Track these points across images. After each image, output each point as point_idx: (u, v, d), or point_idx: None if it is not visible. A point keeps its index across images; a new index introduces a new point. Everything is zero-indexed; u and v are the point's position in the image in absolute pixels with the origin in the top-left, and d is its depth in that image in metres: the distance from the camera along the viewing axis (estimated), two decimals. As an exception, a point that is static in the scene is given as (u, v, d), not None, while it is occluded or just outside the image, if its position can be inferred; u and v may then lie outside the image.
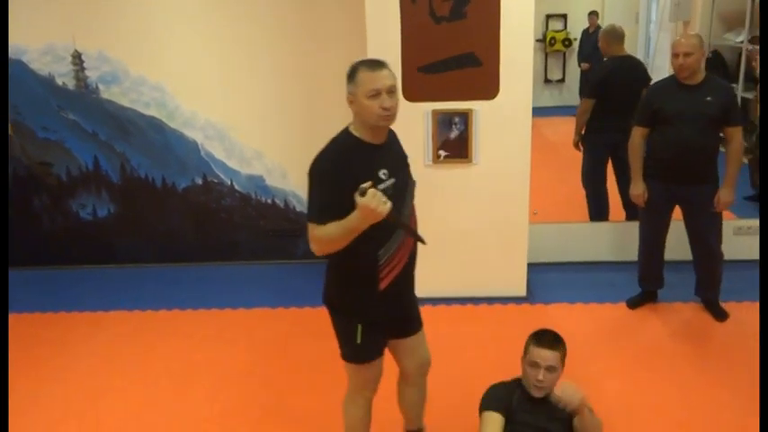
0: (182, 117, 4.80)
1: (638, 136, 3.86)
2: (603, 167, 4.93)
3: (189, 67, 4.68)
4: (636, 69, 4.87)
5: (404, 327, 2.57)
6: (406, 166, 2.46)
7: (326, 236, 2.15)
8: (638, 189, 3.89)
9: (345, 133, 2.30)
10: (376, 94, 2.16)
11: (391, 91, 2.20)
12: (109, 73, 4.71)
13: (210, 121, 4.80)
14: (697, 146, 3.65)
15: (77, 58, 4.71)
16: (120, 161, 4.93)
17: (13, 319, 4.32)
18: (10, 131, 4.90)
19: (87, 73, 4.72)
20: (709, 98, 3.61)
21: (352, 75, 2.24)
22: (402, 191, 2.32)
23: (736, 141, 3.70)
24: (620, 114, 4.62)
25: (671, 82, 3.76)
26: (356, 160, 2.21)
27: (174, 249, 5.11)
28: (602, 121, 4.78)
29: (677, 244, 4.01)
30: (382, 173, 2.23)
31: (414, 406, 2.80)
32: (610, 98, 4.72)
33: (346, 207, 2.08)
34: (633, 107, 4.11)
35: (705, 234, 3.84)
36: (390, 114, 2.21)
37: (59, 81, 4.76)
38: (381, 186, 2.16)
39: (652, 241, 4.00)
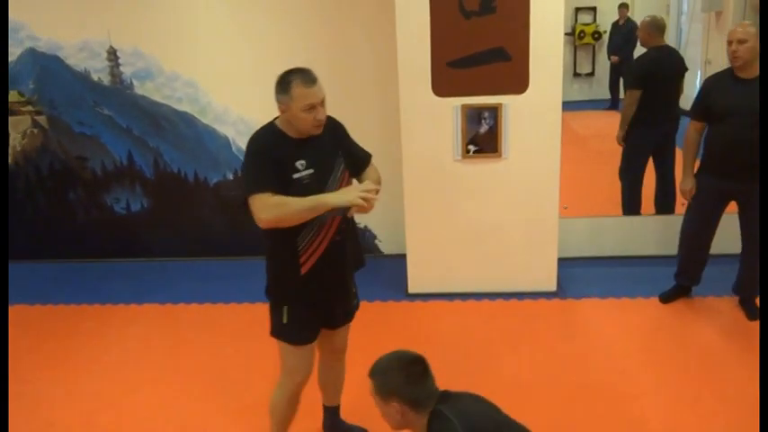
0: (214, 113, 4.86)
1: (693, 130, 3.81)
2: (646, 160, 4.90)
3: (221, 64, 4.74)
4: (675, 58, 4.87)
5: (337, 319, 2.72)
6: (334, 154, 2.57)
7: (285, 203, 2.32)
8: (687, 184, 3.83)
9: (272, 126, 2.46)
10: (311, 108, 2.34)
11: (323, 102, 2.41)
12: (143, 69, 4.79)
13: (242, 116, 4.85)
14: (750, 142, 3.52)
15: (113, 54, 4.79)
16: (154, 156, 5.01)
17: (48, 310, 4.44)
18: (46, 125, 5.00)
19: (122, 69, 4.81)
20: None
21: (285, 87, 2.35)
22: (323, 180, 2.45)
23: None
24: (666, 105, 4.63)
25: (726, 75, 3.68)
26: (277, 150, 2.39)
27: (205, 244, 5.18)
28: (648, 113, 4.73)
29: (717, 238, 3.94)
30: (299, 163, 2.39)
31: (329, 384, 2.93)
32: (654, 89, 4.69)
33: (276, 182, 2.32)
34: (676, 97, 4.06)
35: (754, 230, 3.72)
36: (322, 123, 2.42)
37: (95, 77, 4.84)
38: (296, 176, 2.37)
39: (696, 237, 3.93)
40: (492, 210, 4.16)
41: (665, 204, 4.90)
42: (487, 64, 3.90)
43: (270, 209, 2.33)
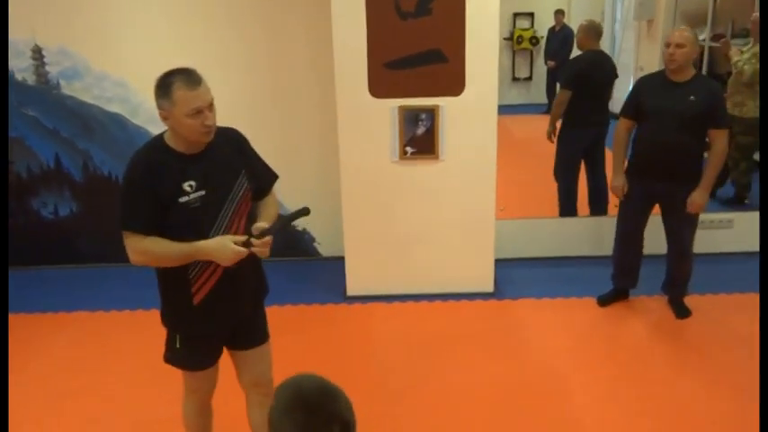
0: (146, 113, 4.71)
1: (622, 128, 3.87)
2: (578, 162, 5.00)
3: (152, 63, 4.50)
4: (608, 64, 5.02)
5: (239, 339, 2.47)
6: (234, 172, 2.33)
7: (154, 251, 2.15)
8: (618, 181, 3.88)
9: (158, 141, 2.22)
10: (197, 113, 2.10)
11: (211, 106, 2.16)
12: (70, 68, 4.61)
13: (175, 117, 4.72)
14: (674, 144, 3.60)
15: (38, 53, 4.60)
16: (83, 159, 4.84)
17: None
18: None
19: (48, 68, 4.62)
20: (692, 97, 3.56)
21: (166, 91, 2.10)
22: (217, 203, 2.22)
23: (718, 144, 3.63)
24: (596, 107, 4.76)
25: (658, 77, 3.77)
26: (163, 171, 2.13)
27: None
28: (578, 115, 4.84)
29: (647, 238, 4.03)
30: (188, 185, 2.15)
31: (257, 427, 2.60)
32: (586, 91, 4.81)
33: (154, 211, 2.12)
34: (606, 101, 4.15)
35: (679, 233, 3.84)
36: (211, 130, 2.18)
37: (19, 76, 4.65)
38: (183, 199, 2.13)
39: (628, 238, 4.00)
40: (429, 211, 4.17)
41: (597, 206, 5.01)
42: (425, 65, 3.90)
43: (138, 254, 2.17)
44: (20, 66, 4.62)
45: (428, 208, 4.16)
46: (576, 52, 5.35)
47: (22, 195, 4.93)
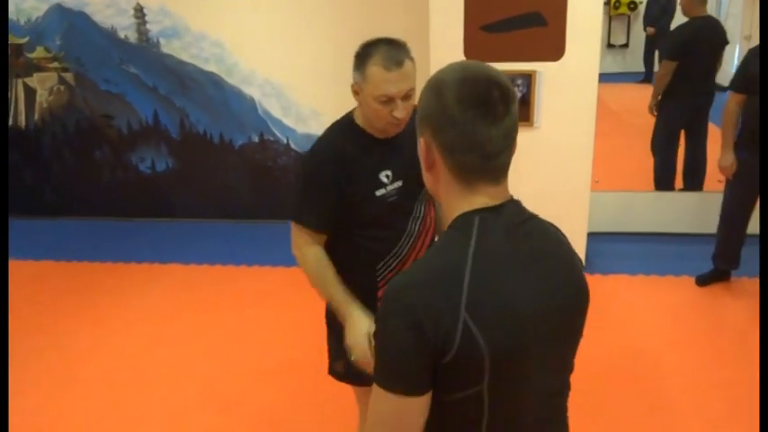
0: (240, 74, 4.79)
1: (733, 103, 3.65)
2: (678, 134, 4.76)
3: (248, 25, 4.66)
4: (717, 30, 4.66)
5: None
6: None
7: (311, 270, 1.95)
8: (727, 160, 3.67)
9: (347, 121, 1.94)
10: (388, 100, 1.77)
11: (408, 96, 1.79)
12: (170, 27, 4.72)
13: (268, 78, 4.78)
14: None
15: (139, 12, 4.73)
16: (180, 116, 4.97)
17: (72, 267, 4.45)
18: (72, 82, 4.97)
19: (149, 27, 4.75)
20: None
21: (361, 63, 1.83)
22: (411, 196, 1.93)
23: None
24: (703, 77, 4.48)
25: None
26: (355, 160, 1.86)
27: (229, 206, 5.16)
28: (683, 85, 4.58)
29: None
30: (384, 175, 1.88)
31: None
32: (692, 60, 4.53)
33: (333, 207, 1.87)
34: (713, 70, 3.91)
35: None
36: (401, 123, 1.82)
37: (121, 34, 4.79)
38: (380, 192, 1.87)
39: (736, 217, 3.79)
40: (521, 180, 3.99)
41: (694, 181, 4.78)
42: (523, 29, 3.77)
43: (298, 251, 1.96)
44: (122, 24, 4.76)
45: (520, 177, 3.99)
46: (677, 20, 5.04)
47: (122, 150, 5.12)
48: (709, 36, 4.60)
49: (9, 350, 3.43)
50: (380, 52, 1.80)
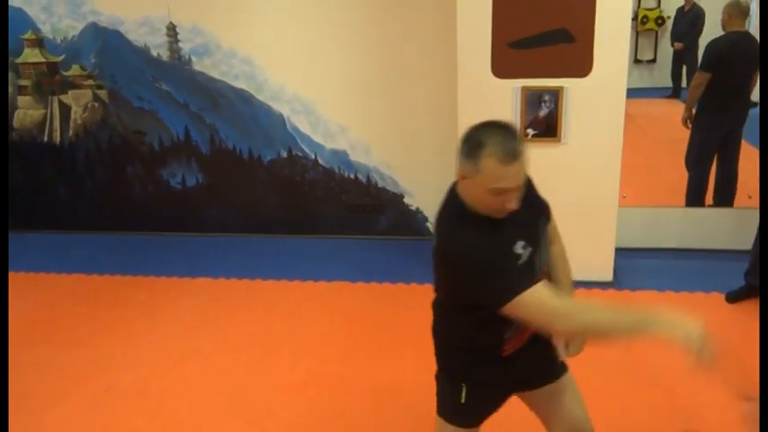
0: (269, 90, 4.87)
1: None
2: (714, 149, 4.72)
3: (278, 42, 4.73)
4: (754, 46, 4.59)
5: (534, 375, 2.03)
6: (542, 214, 2.04)
7: (589, 316, 1.71)
8: None
9: (459, 210, 1.79)
10: (501, 193, 1.68)
11: (520, 187, 1.72)
12: (201, 45, 4.82)
13: (297, 95, 4.84)
14: None
15: (172, 30, 4.83)
16: (210, 132, 5.05)
17: (104, 280, 4.53)
18: (106, 99, 5.08)
19: (181, 45, 4.85)
20: None
21: (473, 152, 1.67)
22: (536, 254, 1.85)
23: None
24: (737, 92, 4.44)
25: None
26: (490, 241, 1.72)
27: (258, 221, 5.22)
28: (718, 100, 4.56)
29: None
30: (520, 246, 1.78)
31: None
32: (727, 75, 4.50)
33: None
34: (749, 86, 3.87)
35: None
36: (510, 210, 1.73)
37: (154, 52, 4.90)
38: (519, 262, 1.77)
39: None
40: (549, 195, 3.99)
41: (724, 197, 4.73)
42: (550, 45, 3.79)
43: (571, 315, 1.70)
44: (155, 42, 4.87)
45: (548, 192, 4.00)
46: (706, 36, 5.00)
47: (153, 165, 5.22)
48: (746, 51, 4.56)
49: (46, 363, 3.52)
50: (496, 143, 1.66)
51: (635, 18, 7.38)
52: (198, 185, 5.21)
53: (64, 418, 3.05)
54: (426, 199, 4.94)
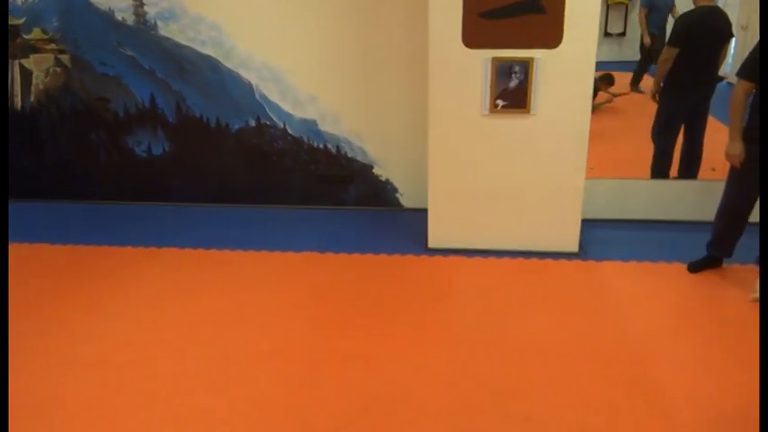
0: (238, 58, 4.78)
1: (741, 91, 3.62)
2: (680, 123, 4.79)
3: (246, 8, 4.64)
4: (723, 21, 4.64)
5: None
6: None
7: None
8: (735, 149, 3.66)
9: None
10: None
11: None
12: (167, 9, 4.70)
13: (266, 63, 4.77)
14: None
15: (137, -6, 4.71)
16: (177, 100, 4.96)
17: (68, 250, 4.45)
18: (68, 64, 4.95)
19: (146, 9, 4.72)
20: None
21: None
22: None
23: None
24: (705, 67, 4.49)
25: None
26: None
27: (226, 190, 5.17)
28: (685, 74, 4.60)
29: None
30: None
31: None
32: (695, 49, 4.55)
33: None
34: (718, 61, 3.90)
35: None
36: None
37: (119, 16, 4.77)
38: None
39: (738, 208, 3.80)
40: (517, 166, 4.09)
41: (690, 170, 4.81)
42: (521, 16, 3.78)
43: None
44: (120, 5, 4.74)
45: (516, 163, 4.09)
46: (687, 5, 5.00)
47: (118, 133, 5.12)
48: (715, 26, 4.59)
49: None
50: None
51: (605, -9, 7.40)
52: (164, 154, 5.13)
53: (20, 390, 3.00)
54: (396, 170, 4.94)
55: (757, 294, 1.70)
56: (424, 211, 4.34)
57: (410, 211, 4.90)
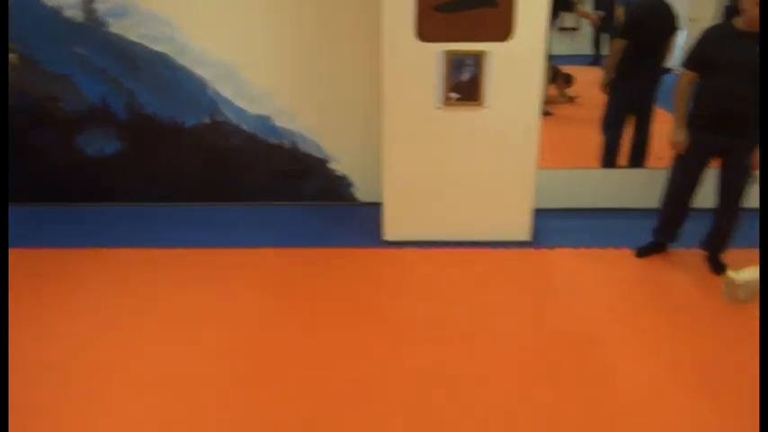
0: (191, 54, 4.74)
1: (685, 81, 3.77)
2: (627, 113, 4.93)
3: (198, 4, 4.61)
4: (668, 14, 4.79)
5: None
6: None
7: None
8: (680, 136, 3.81)
9: None
10: None
11: None
12: (118, 6, 4.64)
13: (219, 59, 4.74)
14: (744, 97, 3.54)
15: (86, -10, 4.64)
16: (128, 98, 4.90)
17: (19, 254, 4.34)
18: (17, 62, 4.84)
19: (96, 5, 4.66)
20: (759, 49, 3.45)
21: None
22: None
23: None
24: (652, 59, 4.63)
25: (727, 28, 3.64)
26: None
27: (181, 188, 5.12)
28: (632, 66, 4.74)
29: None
30: None
31: None
32: (642, 41, 4.69)
33: None
34: (663, 53, 4.02)
35: (735, 187, 3.79)
36: None
37: (68, 13, 4.69)
38: None
39: (681, 193, 3.95)
40: (471, 158, 4.17)
41: (638, 159, 4.96)
42: (473, 9, 3.85)
43: None
44: (68, 2, 4.66)
45: (469, 155, 4.16)
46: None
47: (69, 133, 5.02)
48: (661, 18, 4.73)
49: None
50: None
51: (557, -14, 7.55)
52: (117, 153, 5.05)
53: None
54: (352, 164, 4.97)
55: (735, 275, 1.75)
56: (379, 206, 4.39)
57: (366, 205, 4.93)
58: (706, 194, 3.97)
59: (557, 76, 5.94)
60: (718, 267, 3.94)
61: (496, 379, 2.99)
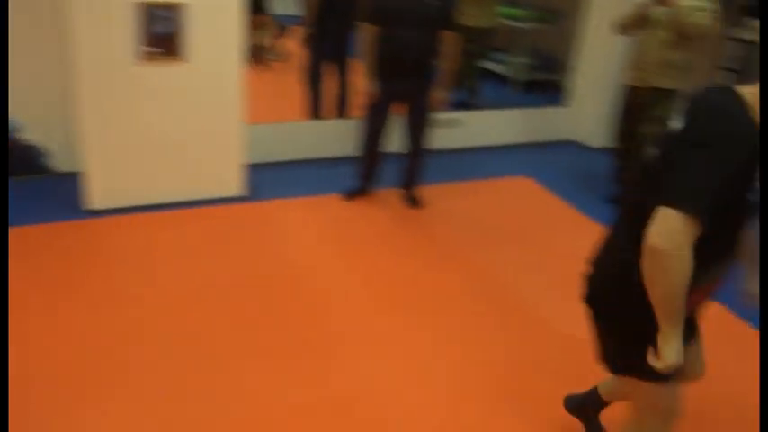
0: None
1: (368, 35, 4.02)
2: (322, 67, 5.18)
3: None
4: None
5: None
6: None
7: (676, 272, 1.54)
8: (371, 87, 4.09)
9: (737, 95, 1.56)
10: None
11: None
12: None
13: None
14: (417, 44, 3.91)
15: None
16: None
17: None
18: None
19: None
20: (429, 1, 3.89)
21: None
22: None
23: (448, 45, 4.03)
24: (342, 15, 4.89)
25: None
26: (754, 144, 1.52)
27: None
28: (324, 22, 5.01)
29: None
30: None
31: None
32: (330, 4, 4.97)
33: (714, 202, 1.50)
34: (352, 11, 4.26)
35: (418, 130, 4.23)
36: None
37: None
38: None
39: (373, 141, 4.27)
40: (176, 116, 4.04)
41: (340, 110, 5.30)
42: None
43: (669, 257, 1.51)
44: None
45: (174, 113, 4.03)
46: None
47: None
48: None
49: None
50: None
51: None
52: None
53: None
54: (41, 132, 4.44)
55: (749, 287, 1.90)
56: (78, 175, 4.09)
57: (65, 175, 4.47)
58: (399, 138, 4.38)
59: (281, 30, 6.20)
60: (415, 202, 4.40)
61: (208, 332, 3.01)
